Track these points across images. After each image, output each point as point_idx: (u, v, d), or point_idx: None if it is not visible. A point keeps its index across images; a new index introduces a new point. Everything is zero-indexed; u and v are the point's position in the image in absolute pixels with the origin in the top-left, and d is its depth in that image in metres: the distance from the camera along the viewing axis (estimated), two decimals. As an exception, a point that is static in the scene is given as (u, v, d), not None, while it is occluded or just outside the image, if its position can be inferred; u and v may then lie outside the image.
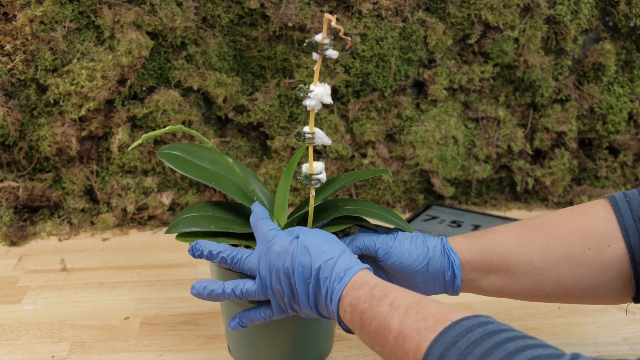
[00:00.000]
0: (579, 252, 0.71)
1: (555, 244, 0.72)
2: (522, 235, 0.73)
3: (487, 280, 0.74)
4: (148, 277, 1.02)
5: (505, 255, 0.73)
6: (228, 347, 0.83)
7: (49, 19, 1.09)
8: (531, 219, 0.75)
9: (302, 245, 0.67)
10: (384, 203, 1.28)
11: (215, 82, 1.18)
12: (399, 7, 1.17)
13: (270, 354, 0.78)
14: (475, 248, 0.74)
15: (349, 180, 0.82)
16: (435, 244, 0.74)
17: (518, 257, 0.72)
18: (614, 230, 0.70)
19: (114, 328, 0.88)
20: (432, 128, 1.23)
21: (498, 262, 0.73)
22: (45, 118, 1.15)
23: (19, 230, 1.14)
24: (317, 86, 0.69)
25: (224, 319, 0.81)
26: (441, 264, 0.73)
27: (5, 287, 0.99)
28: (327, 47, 0.67)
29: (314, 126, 0.72)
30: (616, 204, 0.71)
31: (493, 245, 0.73)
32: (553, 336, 0.87)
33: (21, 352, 0.83)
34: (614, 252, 0.70)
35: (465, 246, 0.74)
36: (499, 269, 0.73)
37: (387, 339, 0.58)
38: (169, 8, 1.13)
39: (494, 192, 1.32)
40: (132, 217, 1.20)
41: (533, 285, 0.73)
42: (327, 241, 0.68)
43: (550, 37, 1.22)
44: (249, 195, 0.82)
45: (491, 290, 0.75)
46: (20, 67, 1.11)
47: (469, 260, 0.73)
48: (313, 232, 0.70)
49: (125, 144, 1.17)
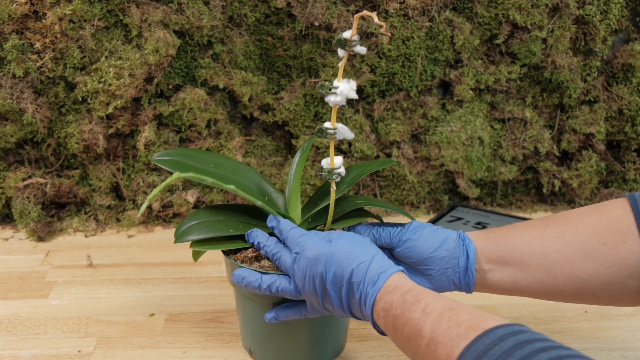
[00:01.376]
0: (594, 246, 0.71)
1: (570, 238, 0.71)
2: (537, 229, 0.73)
3: (500, 273, 0.74)
4: (173, 275, 1.03)
5: (519, 247, 0.73)
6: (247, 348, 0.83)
7: (78, 18, 1.10)
8: (548, 216, 0.76)
9: (334, 250, 0.68)
10: (409, 204, 1.28)
11: (241, 81, 1.18)
12: (425, 7, 1.17)
13: (287, 351, 0.78)
14: (490, 239, 0.74)
15: (360, 171, 0.83)
16: (450, 232, 0.75)
17: (532, 250, 0.72)
18: (630, 228, 0.70)
19: (139, 324, 0.89)
20: (458, 128, 1.22)
21: (512, 253, 0.73)
22: (73, 115, 1.17)
23: (47, 226, 1.16)
24: (342, 82, 0.69)
25: (239, 317, 0.82)
26: (455, 248, 0.74)
27: (32, 282, 1.00)
28: (355, 43, 0.67)
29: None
30: (635, 202, 0.70)
31: (508, 237, 0.74)
32: (579, 340, 0.86)
33: (48, 346, 0.84)
34: (629, 249, 0.69)
35: (481, 237, 0.75)
36: (513, 261, 0.73)
37: (419, 344, 0.58)
38: (196, 7, 1.14)
39: (519, 194, 1.31)
40: (157, 215, 1.21)
41: (547, 279, 0.72)
42: (358, 244, 0.69)
43: (579, 37, 1.21)
44: (261, 195, 0.82)
45: (505, 285, 0.75)
46: (50, 65, 1.12)
47: (483, 250, 0.74)
48: (344, 236, 0.70)
49: (151, 142, 1.18)
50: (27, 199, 1.17)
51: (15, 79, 1.12)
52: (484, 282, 0.74)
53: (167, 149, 1.20)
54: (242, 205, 0.85)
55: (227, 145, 1.21)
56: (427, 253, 0.74)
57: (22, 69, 1.11)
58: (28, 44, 1.11)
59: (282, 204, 0.84)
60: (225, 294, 0.97)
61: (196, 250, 0.76)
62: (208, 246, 0.75)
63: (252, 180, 0.84)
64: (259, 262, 0.76)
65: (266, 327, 0.77)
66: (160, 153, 0.81)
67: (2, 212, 1.21)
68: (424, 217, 1.26)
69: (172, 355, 0.82)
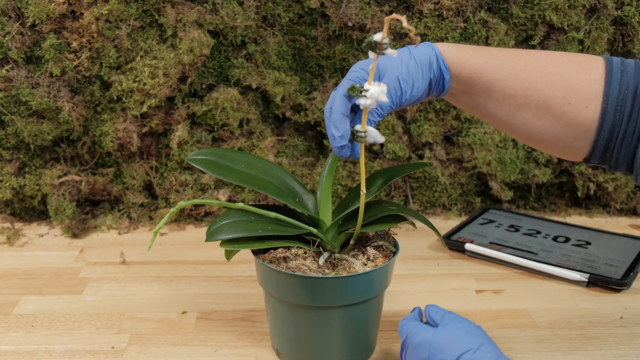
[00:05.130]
0: (559, 103, 0.73)
1: (542, 88, 0.73)
2: (514, 67, 0.74)
3: (466, 98, 0.76)
4: (204, 273, 1.03)
5: (492, 82, 0.74)
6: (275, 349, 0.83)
7: (114, 17, 1.12)
8: (529, 52, 0.76)
9: (439, 338, 0.67)
10: (440, 206, 1.27)
11: (274, 81, 1.19)
12: (460, 7, 1.16)
13: (315, 354, 0.78)
14: (467, 66, 0.74)
15: (391, 174, 0.83)
16: (431, 59, 0.74)
17: (504, 89, 0.74)
18: (597, 94, 0.72)
19: (172, 322, 0.90)
20: (492, 130, 1.21)
21: (484, 86, 0.74)
22: (108, 114, 1.18)
23: (81, 223, 1.17)
24: (373, 85, 0.68)
25: (268, 318, 0.82)
26: (434, 77, 0.74)
27: (67, 278, 1.02)
28: (386, 46, 0.66)
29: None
30: (610, 68, 0.73)
31: (485, 69, 0.74)
32: (615, 347, 0.84)
33: (83, 341, 0.85)
34: (588, 115, 0.72)
35: (458, 61, 0.74)
36: (482, 93, 0.75)
37: None
38: (231, 7, 1.14)
39: (553, 197, 1.29)
40: (189, 213, 1.22)
41: (506, 117, 0.75)
42: (466, 331, 0.67)
43: (616, 39, 1.19)
44: (292, 196, 0.83)
45: (466, 107, 0.78)
46: (86, 64, 1.14)
47: (457, 75, 0.74)
48: (453, 321, 0.69)
49: (184, 141, 1.19)
50: (62, 196, 1.18)
51: (53, 78, 1.14)
52: (448, 97, 0.77)
53: (200, 148, 1.21)
54: (273, 205, 0.85)
55: (259, 145, 1.21)
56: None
57: (59, 68, 1.13)
58: (65, 43, 1.13)
59: (312, 206, 0.84)
60: (256, 293, 0.97)
61: (227, 249, 0.76)
62: (237, 245, 0.75)
63: (283, 181, 0.84)
64: (286, 263, 0.76)
65: (294, 328, 0.77)
66: (194, 152, 0.82)
67: (38, 209, 1.23)
68: (456, 220, 1.25)
69: (204, 353, 0.83)
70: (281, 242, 0.77)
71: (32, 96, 1.11)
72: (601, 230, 1.18)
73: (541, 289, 0.99)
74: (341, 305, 0.75)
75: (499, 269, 1.05)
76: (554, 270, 1.01)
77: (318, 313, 0.75)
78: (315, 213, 0.82)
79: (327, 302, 0.74)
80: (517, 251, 1.07)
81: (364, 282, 0.74)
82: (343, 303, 0.75)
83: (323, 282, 0.73)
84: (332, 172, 0.83)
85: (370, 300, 0.77)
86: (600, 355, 0.82)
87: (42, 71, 1.13)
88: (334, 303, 0.74)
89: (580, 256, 1.06)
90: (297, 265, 0.76)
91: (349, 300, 0.75)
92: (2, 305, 0.93)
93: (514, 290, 0.99)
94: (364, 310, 0.77)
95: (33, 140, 1.16)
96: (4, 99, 1.12)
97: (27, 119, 1.14)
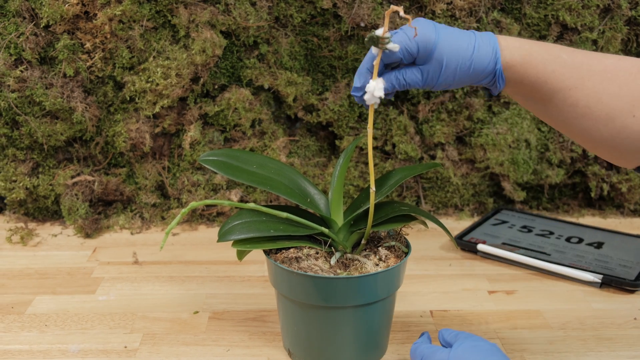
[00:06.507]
0: (624, 115, 0.68)
1: (607, 100, 0.68)
2: (581, 77, 0.68)
3: (521, 97, 0.72)
4: (216, 273, 1.04)
5: (555, 91, 0.69)
6: (287, 349, 0.83)
7: (128, 18, 1.12)
8: (600, 59, 0.70)
9: (455, 357, 0.67)
10: (452, 206, 1.27)
11: (286, 81, 1.19)
12: (473, 8, 1.16)
13: (326, 354, 0.78)
14: (532, 75, 0.69)
15: (403, 174, 0.82)
16: (487, 70, 0.69)
17: (566, 98, 0.69)
18: None
19: (184, 321, 0.90)
20: (504, 131, 1.21)
21: (545, 93, 0.70)
22: (121, 114, 1.19)
23: (94, 223, 1.18)
24: (372, 81, 0.68)
25: (280, 317, 0.82)
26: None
27: (80, 278, 1.02)
28: (388, 40, 0.66)
29: (373, 126, 0.72)
30: None
31: (550, 78, 0.69)
32: (628, 348, 0.84)
33: (96, 341, 0.85)
34: None
35: (522, 70, 0.69)
36: (541, 99, 0.70)
37: None
38: (243, 8, 1.14)
39: (566, 198, 1.28)
40: (201, 214, 1.23)
41: (562, 123, 0.71)
42: (481, 350, 0.67)
43: (630, 39, 1.18)
44: (303, 197, 0.83)
45: (519, 100, 0.73)
46: (99, 65, 1.14)
47: (519, 83, 0.70)
48: (467, 339, 0.69)
49: (196, 141, 1.19)
50: (75, 196, 1.19)
51: (66, 78, 1.14)
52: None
53: (212, 148, 1.21)
54: (285, 205, 0.85)
55: (271, 145, 1.21)
56: None
57: (73, 69, 1.14)
58: (79, 44, 1.13)
59: (324, 206, 0.84)
60: (268, 293, 0.97)
61: (239, 249, 0.77)
62: (249, 245, 0.75)
63: (294, 182, 0.84)
64: (298, 264, 0.76)
65: (306, 329, 0.77)
66: (206, 153, 0.82)
67: (52, 209, 1.24)
68: (468, 220, 1.24)
69: (216, 353, 0.83)
70: (293, 242, 0.77)
71: (46, 96, 1.12)
72: (615, 231, 1.17)
73: (554, 290, 0.98)
74: (353, 306, 0.75)
75: (511, 270, 1.05)
76: (567, 271, 1.01)
77: (330, 313, 0.75)
78: (327, 213, 0.82)
79: (339, 302, 0.74)
80: (530, 252, 1.07)
81: (375, 283, 0.74)
82: (355, 303, 0.74)
83: (335, 283, 0.73)
84: (344, 173, 0.84)
85: (382, 300, 0.77)
86: (614, 357, 0.82)
87: (56, 72, 1.14)
88: (345, 303, 0.74)
89: (593, 257, 1.06)
90: (309, 265, 0.76)
91: (361, 301, 0.74)
92: (16, 305, 0.94)
93: (527, 291, 0.98)
94: (375, 310, 0.77)
95: (46, 140, 1.17)
96: (18, 100, 1.13)
97: (40, 119, 1.15)
